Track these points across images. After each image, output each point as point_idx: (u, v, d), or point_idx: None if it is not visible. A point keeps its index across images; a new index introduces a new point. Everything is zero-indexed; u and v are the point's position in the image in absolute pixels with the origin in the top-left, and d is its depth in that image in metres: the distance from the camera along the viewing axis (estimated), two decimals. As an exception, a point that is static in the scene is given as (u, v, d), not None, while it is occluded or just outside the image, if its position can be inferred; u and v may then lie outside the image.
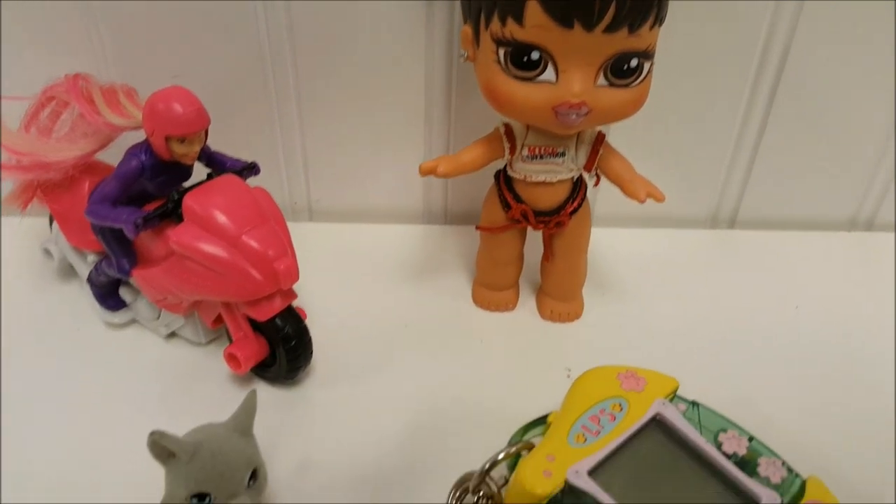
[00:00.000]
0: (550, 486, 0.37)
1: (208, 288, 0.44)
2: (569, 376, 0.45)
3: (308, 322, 0.49)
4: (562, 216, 0.50)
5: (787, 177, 0.61)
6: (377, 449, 0.46)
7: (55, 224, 0.53)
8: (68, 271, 0.57)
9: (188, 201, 0.44)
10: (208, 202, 0.44)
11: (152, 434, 0.35)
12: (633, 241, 0.62)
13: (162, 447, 0.35)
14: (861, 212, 0.63)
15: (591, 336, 0.55)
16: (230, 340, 0.48)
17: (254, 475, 0.37)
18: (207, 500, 0.36)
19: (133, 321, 0.53)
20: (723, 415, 0.41)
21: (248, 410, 0.38)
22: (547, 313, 0.55)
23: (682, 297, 0.58)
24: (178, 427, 0.38)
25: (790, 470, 0.39)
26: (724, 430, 0.40)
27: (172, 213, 0.45)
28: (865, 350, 0.54)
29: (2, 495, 0.43)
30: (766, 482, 0.38)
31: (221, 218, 0.44)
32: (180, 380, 0.50)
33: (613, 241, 0.62)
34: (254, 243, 0.43)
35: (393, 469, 0.45)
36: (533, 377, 0.50)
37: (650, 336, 0.54)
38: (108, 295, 0.52)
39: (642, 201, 0.47)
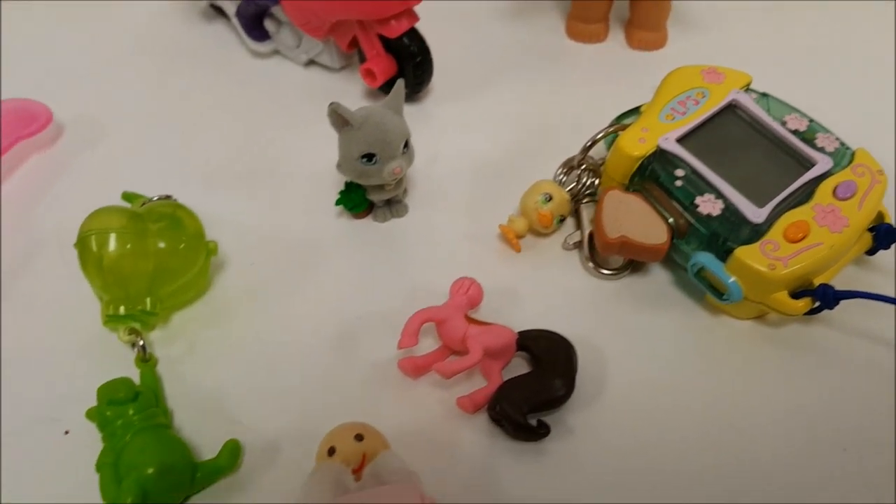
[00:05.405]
0: (644, 150, 0.46)
1: (347, 7, 0.52)
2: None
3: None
4: (651, -58, 0.55)
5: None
6: (491, 145, 0.56)
7: (203, -35, 0.61)
8: (210, 14, 0.65)
9: (329, -73, 0.51)
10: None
11: (331, 104, 0.45)
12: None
13: (339, 115, 0.45)
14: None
15: (673, 62, 0.61)
16: (363, 62, 0.56)
17: (406, 144, 0.47)
18: (374, 159, 0.46)
19: (275, 52, 0.62)
20: (789, 104, 0.49)
21: (398, 94, 0.47)
22: (634, 42, 0.62)
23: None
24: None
25: (843, 143, 0.47)
26: (789, 114, 0.48)
27: (315, -61, 0.52)
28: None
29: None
30: (822, 151, 0.47)
31: (358, -59, 0.51)
32: (320, 101, 0.58)
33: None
34: (384, -34, 0.51)
35: (507, 157, 0.55)
36: (621, 95, 0.58)
37: (730, 57, 0.60)
38: (255, 26, 0.60)
39: None
